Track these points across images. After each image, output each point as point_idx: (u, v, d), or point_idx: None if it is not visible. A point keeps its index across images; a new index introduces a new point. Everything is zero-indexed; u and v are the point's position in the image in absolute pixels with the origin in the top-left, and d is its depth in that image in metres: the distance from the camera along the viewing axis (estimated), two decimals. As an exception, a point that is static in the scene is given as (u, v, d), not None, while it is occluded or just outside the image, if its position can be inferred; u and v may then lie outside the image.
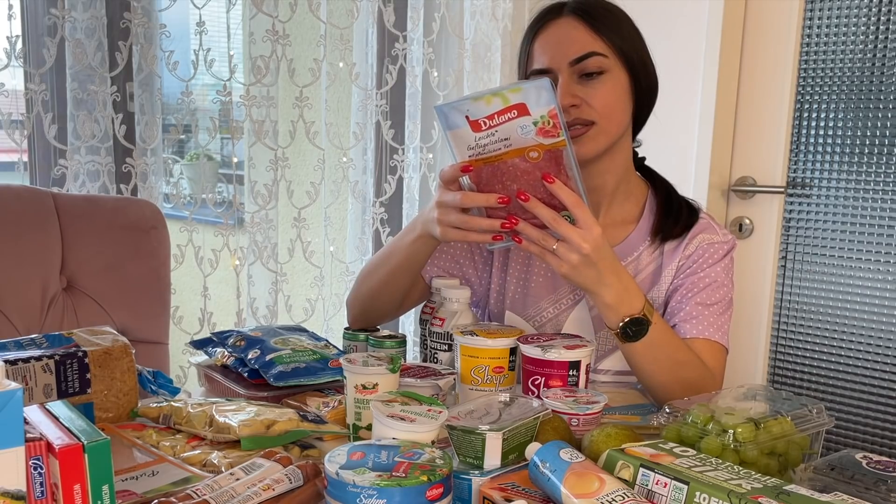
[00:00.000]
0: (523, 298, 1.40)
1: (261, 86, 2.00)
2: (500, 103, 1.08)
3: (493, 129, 1.09)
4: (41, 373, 1.02)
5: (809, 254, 2.34)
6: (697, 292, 1.29)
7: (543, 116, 1.08)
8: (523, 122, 1.08)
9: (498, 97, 1.08)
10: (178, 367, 1.96)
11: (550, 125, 1.08)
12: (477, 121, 1.09)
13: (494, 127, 1.09)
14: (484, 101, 1.09)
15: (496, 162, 1.11)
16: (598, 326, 1.35)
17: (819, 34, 2.27)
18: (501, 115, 1.09)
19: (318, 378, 1.21)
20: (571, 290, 1.37)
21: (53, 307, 1.58)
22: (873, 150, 2.22)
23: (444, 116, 1.11)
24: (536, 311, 1.38)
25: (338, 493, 0.75)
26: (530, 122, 1.08)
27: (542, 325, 1.38)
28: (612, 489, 0.78)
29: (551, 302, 1.38)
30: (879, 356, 2.25)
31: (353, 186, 2.32)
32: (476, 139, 1.10)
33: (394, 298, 1.39)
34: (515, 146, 1.10)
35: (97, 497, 0.71)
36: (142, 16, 1.79)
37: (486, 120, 1.09)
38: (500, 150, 1.10)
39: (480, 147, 1.11)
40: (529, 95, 1.08)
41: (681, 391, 1.17)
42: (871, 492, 0.84)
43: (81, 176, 1.79)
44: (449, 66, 2.45)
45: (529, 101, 1.08)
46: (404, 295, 1.40)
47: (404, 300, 1.42)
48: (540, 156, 1.09)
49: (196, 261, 1.96)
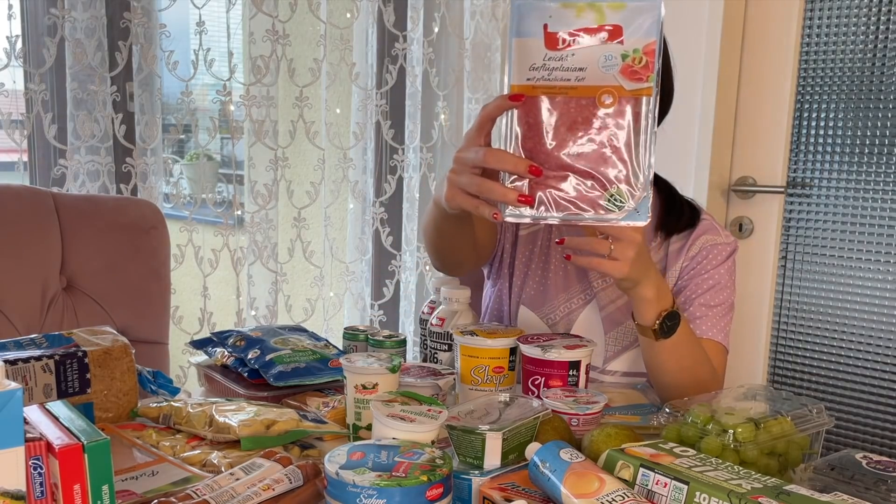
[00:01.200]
0: (541, 295, 1.40)
1: (261, 86, 2.00)
2: (594, 19, 0.87)
3: (571, 49, 0.87)
4: (41, 373, 1.02)
5: (809, 254, 2.34)
6: (701, 294, 1.30)
7: (637, 50, 0.87)
8: (611, 51, 0.87)
9: (593, 10, 0.87)
10: (178, 367, 1.96)
11: (642, 63, 0.87)
12: (556, 34, 0.87)
13: (575, 48, 0.87)
14: (574, 10, 0.87)
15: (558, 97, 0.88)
16: (608, 328, 1.36)
17: (819, 34, 2.27)
18: (589, 33, 0.87)
19: (318, 378, 1.21)
20: (583, 289, 1.37)
21: (53, 307, 1.58)
22: (873, 150, 2.21)
23: (517, 15, 0.89)
24: (551, 309, 1.39)
25: (338, 493, 0.75)
26: (619, 52, 0.87)
27: (555, 324, 1.39)
28: (612, 489, 0.78)
29: (564, 300, 1.38)
30: (879, 356, 2.25)
31: (353, 186, 2.32)
32: (545, 57, 0.88)
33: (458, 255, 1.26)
34: (590, 81, 0.88)
35: (97, 497, 0.71)
36: (142, 16, 1.79)
37: (567, 35, 0.87)
38: (569, 81, 0.88)
39: (547, 71, 0.88)
40: (631, 18, 0.87)
41: (694, 391, 1.16)
42: (871, 492, 0.84)
43: (81, 176, 1.79)
44: (449, 66, 2.45)
45: (628, 25, 0.87)
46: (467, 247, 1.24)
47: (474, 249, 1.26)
48: (615, 102, 0.88)
49: (196, 261, 1.96)
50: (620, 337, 1.35)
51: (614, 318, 1.35)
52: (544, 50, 0.88)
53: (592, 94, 0.88)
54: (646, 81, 0.87)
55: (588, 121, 0.88)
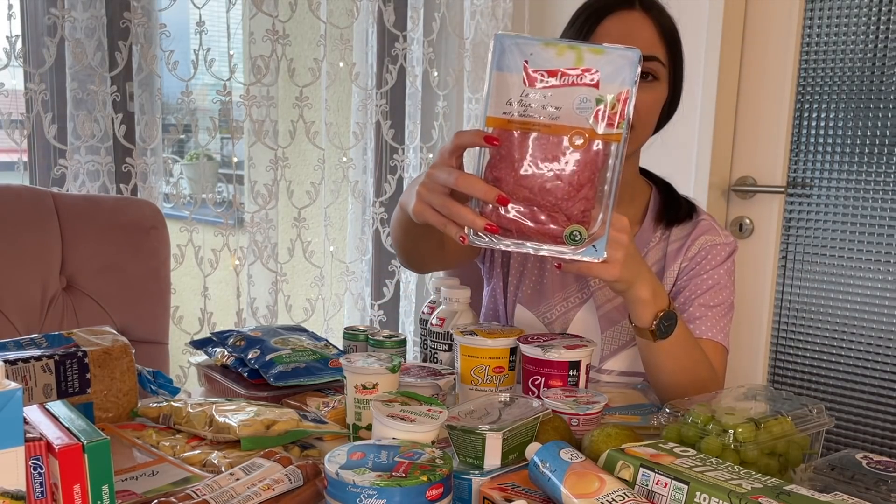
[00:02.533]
0: (537, 294, 1.40)
1: (261, 86, 2.00)
2: (573, 59, 0.89)
3: (549, 88, 0.89)
4: (41, 373, 1.02)
5: (809, 254, 2.34)
6: (701, 294, 1.30)
7: (612, 97, 0.89)
8: (586, 94, 0.89)
9: (573, 51, 0.89)
10: (178, 367, 1.96)
11: (614, 110, 0.89)
12: (536, 71, 0.89)
13: (552, 87, 0.89)
14: (556, 50, 0.89)
15: (531, 132, 0.90)
16: (604, 326, 1.36)
17: (819, 34, 2.27)
18: (566, 75, 0.89)
19: (318, 378, 1.21)
20: (580, 288, 1.37)
21: (53, 307, 1.58)
22: (873, 150, 2.21)
23: (499, 50, 0.90)
24: (547, 308, 1.39)
25: (338, 493, 0.75)
26: (594, 97, 0.89)
27: (551, 323, 1.39)
28: (612, 489, 0.78)
29: (560, 300, 1.38)
30: (879, 356, 2.25)
31: (353, 186, 2.32)
32: (523, 94, 0.89)
33: (421, 256, 1.27)
34: (563, 121, 0.89)
35: (97, 497, 0.71)
36: (142, 16, 1.79)
37: (545, 74, 0.89)
38: (543, 119, 0.89)
39: (523, 107, 0.90)
40: (609, 64, 0.89)
41: (693, 391, 1.16)
42: (871, 492, 0.83)
43: (81, 176, 1.79)
44: (449, 66, 2.45)
45: (605, 71, 0.89)
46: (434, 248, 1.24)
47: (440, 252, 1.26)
48: (585, 144, 0.89)
49: (196, 261, 1.96)
50: (617, 336, 1.35)
51: (611, 317, 1.36)
52: (523, 86, 0.89)
53: (565, 134, 0.89)
54: (616, 128, 0.89)
55: (557, 158, 0.90)
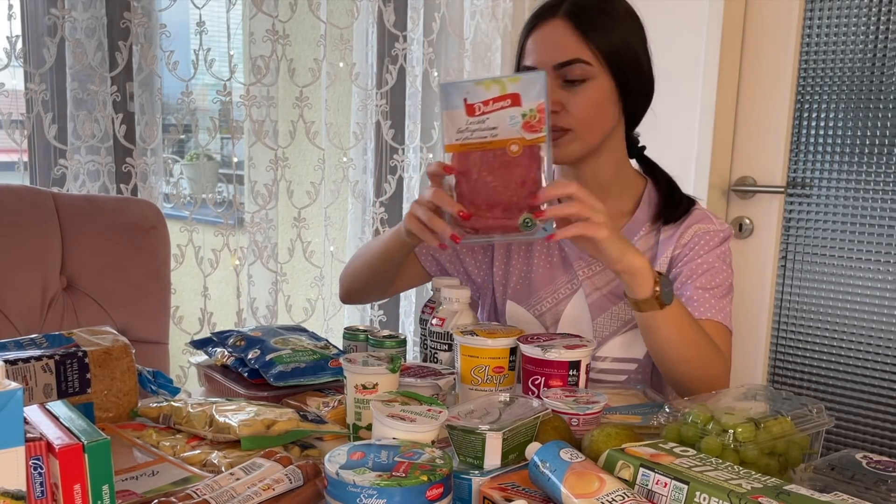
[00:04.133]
0: (525, 289, 1.41)
1: (261, 86, 2.01)
2: (498, 90, 1.12)
3: (485, 115, 1.13)
4: (41, 373, 1.02)
5: (809, 254, 2.34)
6: (696, 278, 1.30)
7: (532, 110, 1.11)
8: (514, 113, 1.12)
9: (497, 84, 1.12)
10: (178, 367, 1.96)
11: (536, 119, 1.11)
12: (473, 105, 1.13)
13: (487, 113, 1.12)
14: (484, 86, 1.12)
15: (479, 150, 1.14)
16: (595, 314, 1.36)
17: (819, 34, 2.27)
18: (496, 102, 1.12)
19: (318, 378, 1.21)
20: (568, 279, 1.38)
21: (53, 307, 1.58)
22: (873, 150, 2.21)
23: (446, 95, 1.14)
24: (537, 301, 1.40)
25: (338, 493, 0.75)
26: (520, 113, 1.11)
27: (542, 315, 1.40)
28: (612, 489, 0.78)
29: (550, 292, 1.39)
30: (879, 356, 2.25)
31: (353, 186, 2.32)
32: (467, 123, 1.13)
33: (377, 285, 1.46)
34: (501, 136, 1.12)
35: (97, 497, 0.71)
36: (142, 16, 1.80)
37: (481, 105, 1.12)
38: (485, 137, 1.13)
39: (469, 132, 1.14)
40: (525, 86, 1.11)
41: (702, 367, 1.18)
42: (871, 492, 0.84)
43: (81, 176, 1.79)
44: (449, 66, 2.45)
45: (524, 92, 1.11)
46: (388, 282, 1.46)
47: (390, 286, 1.48)
48: (520, 150, 1.12)
49: (196, 261, 1.96)
50: (608, 322, 1.36)
51: (601, 305, 1.36)
52: (466, 117, 1.14)
53: (504, 146, 1.13)
54: (540, 132, 1.12)
55: (502, 165, 1.13)
